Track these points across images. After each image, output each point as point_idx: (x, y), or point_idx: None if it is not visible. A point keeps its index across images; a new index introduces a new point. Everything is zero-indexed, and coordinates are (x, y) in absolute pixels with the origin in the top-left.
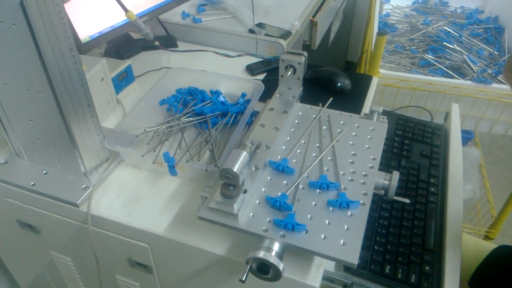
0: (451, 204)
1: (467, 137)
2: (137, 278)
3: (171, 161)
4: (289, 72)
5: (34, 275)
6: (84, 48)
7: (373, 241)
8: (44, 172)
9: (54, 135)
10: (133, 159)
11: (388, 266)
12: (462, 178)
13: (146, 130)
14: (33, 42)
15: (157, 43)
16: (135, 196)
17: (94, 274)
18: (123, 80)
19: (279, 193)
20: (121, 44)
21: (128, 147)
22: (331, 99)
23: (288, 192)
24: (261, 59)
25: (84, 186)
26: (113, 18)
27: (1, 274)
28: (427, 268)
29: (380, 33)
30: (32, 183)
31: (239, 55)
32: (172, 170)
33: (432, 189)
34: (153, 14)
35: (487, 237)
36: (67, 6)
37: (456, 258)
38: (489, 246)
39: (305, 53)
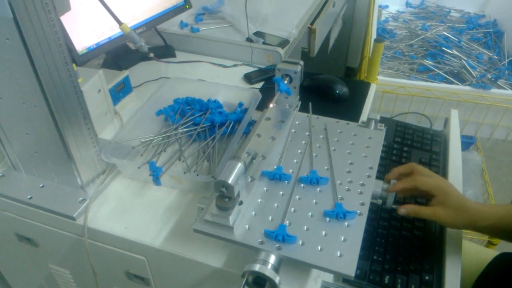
0: None
1: (468, 141)
2: None
3: (156, 171)
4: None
5: None
6: (81, 59)
7: (372, 251)
8: (41, 185)
9: (50, 148)
10: (130, 171)
11: (388, 276)
12: (463, 184)
13: (142, 141)
14: (27, 57)
15: (151, 55)
16: (132, 208)
17: (92, 287)
18: (120, 91)
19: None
20: (119, 54)
21: (125, 159)
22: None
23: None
24: (257, 68)
25: (81, 199)
26: (110, 29)
27: (1, 287)
28: (427, 278)
29: (378, 40)
30: (29, 196)
31: (234, 65)
32: (157, 180)
33: None
34: (150, 25)
35: (490, 243)
36: (64, 19)
37: (457, 267)
38: (490, 254)
39: (301, 62)
